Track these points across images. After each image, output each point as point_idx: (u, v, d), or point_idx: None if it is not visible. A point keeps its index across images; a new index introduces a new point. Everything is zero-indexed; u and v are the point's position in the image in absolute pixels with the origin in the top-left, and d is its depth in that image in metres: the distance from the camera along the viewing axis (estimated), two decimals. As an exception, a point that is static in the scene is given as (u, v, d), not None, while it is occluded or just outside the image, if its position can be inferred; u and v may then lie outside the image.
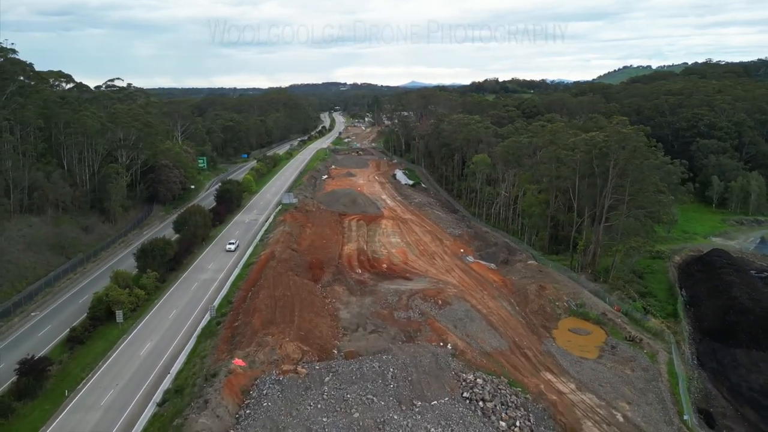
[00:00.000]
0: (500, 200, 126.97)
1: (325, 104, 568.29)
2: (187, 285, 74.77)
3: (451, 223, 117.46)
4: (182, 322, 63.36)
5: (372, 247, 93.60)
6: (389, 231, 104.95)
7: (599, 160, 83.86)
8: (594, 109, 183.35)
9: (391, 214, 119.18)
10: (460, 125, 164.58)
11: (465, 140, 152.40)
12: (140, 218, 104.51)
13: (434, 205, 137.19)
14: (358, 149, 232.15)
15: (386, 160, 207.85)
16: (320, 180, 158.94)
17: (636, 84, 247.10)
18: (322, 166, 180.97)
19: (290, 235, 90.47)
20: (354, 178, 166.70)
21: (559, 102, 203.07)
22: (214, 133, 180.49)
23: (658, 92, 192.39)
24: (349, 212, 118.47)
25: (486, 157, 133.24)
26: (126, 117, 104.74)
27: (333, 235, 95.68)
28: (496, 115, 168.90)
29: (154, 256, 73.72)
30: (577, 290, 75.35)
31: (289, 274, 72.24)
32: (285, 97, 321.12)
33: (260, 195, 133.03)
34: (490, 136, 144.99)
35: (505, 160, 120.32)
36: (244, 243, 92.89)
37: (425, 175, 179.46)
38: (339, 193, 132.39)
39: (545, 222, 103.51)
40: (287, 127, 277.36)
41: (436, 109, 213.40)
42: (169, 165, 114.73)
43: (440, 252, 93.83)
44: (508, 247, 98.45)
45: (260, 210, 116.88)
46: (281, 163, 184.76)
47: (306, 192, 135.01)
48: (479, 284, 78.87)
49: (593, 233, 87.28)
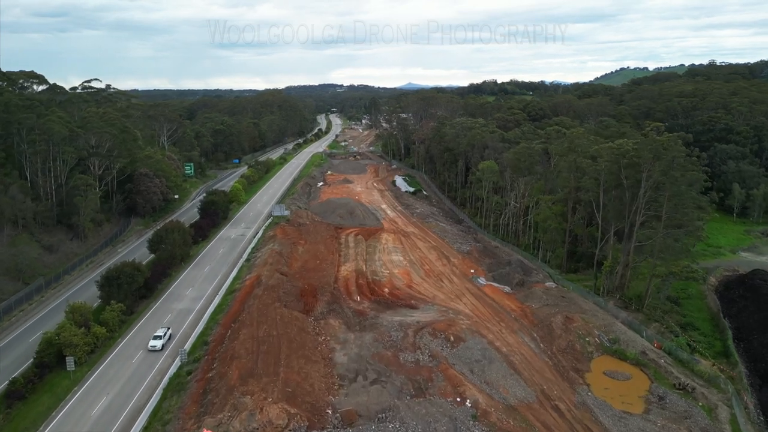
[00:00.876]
0: (509, 211, 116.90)
1: (322, 106, 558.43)
2: (158, 317, 64.24)
3: (458, 236, 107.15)
4: (147, 367, 52.87)
5: (372, 267, 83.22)
6: (390, 247, 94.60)
7: (628, 171, 73.81)
8: (602, 111, 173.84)
9: (391, 227, 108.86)
10: (463, 129, 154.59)
11: (469, 145, 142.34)
12: (115, 234, 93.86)
13: (438, 216, 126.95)
14: (355, 153, 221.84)
15: (385, 165, 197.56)
16: (315, 188, 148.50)
17: (643, 86, 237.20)
18: (317, 172, 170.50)
19: (280, 255, 79.96)
20: (351, 185, 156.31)
21: (565, 104, 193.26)
22: (204, 137, 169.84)
23: (670, 94, 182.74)
24: (347, 225, 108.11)
25: (493, 164, 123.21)
26: (99, 122, 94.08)
27: (328, 254, 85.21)
28: (502, 119, 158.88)
29: (120, 284, 63.16)
30: (608, 322, 65.16)
31: (276, 305, 61.79)
32: (280, 99, 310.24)
33: (250, 205, 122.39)
34: (496, 141, 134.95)
35: (515, 167, 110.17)
36: (227, 264, 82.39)
37: (426, 181, 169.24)
38: (335, 203, 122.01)
39: (562, 237, 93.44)
40: (282, 129, 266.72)
41: (437, 112, 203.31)
42: (148, 174, 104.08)
43: (448, 272, 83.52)
44: (522, 266, 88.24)
45: (249, 223, 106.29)
46: (274, 169, 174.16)
47: (299, 202, 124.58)
48: (495, 313, 68.62)
49: (621, 253, 77.18)
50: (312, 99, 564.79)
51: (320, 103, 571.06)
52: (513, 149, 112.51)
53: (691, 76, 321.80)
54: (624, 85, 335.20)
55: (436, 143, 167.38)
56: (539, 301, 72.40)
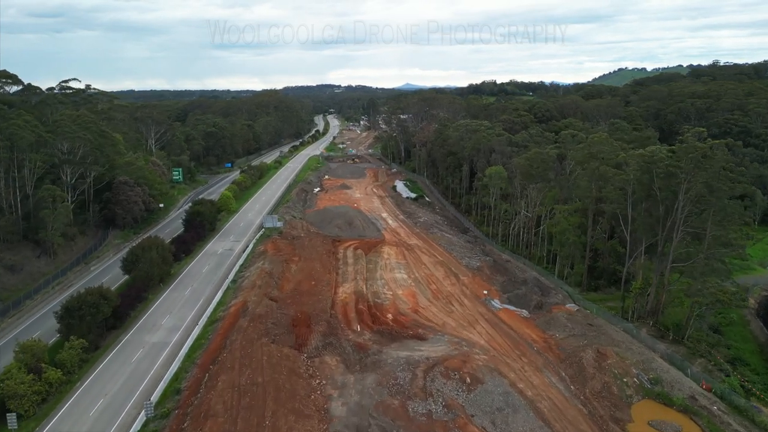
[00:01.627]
0: (519, 220, 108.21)
1: (319, 107, 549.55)
2: (128, 353, 55.25)
3: (465, 249, 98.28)
4: (107, 423, 43.89)
5: (373, 288, 74.28)
6: (393, 263, 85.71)
7: (663, 182, 65.06)
8: (611, 113, 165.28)
9: (394, 239, 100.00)
10: (467, 131, 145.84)
11: (474, 149, 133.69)
12: (90, 249, 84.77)
13: (442, 225, 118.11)
14: (353, 156, 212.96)
15: (384, 168, 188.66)
16: (311, 194, 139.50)
17: (652, 87, 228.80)
18: (314, 176, 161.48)
19: (269, 276, 70.96)
20: (349, 191, 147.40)
21: (572, 105, 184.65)
22: (194, 140, 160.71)
23: (681, 95, 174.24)
24: (345, 237, 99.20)
25: (501, 170, 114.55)
26: (72, 126, 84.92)
27: (324, 273, 76.21)
28: (508, 121, 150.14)
29: (82, 316, 54.16)
30: (646, 357, 56.40)
31: (263, 341, 52.86)
32: (276, 100, 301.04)
33: (240, 215, 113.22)
34: (504, 145, 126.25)
35: (526, 174, 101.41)
36: (211, 284, 73.40)
37: (428, 186, 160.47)
38: (333, 212, 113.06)
39: (581, 252, 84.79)
40: (278, 131, 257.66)
41: (439, 113, 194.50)
42: (129, 182, 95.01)
43: (458, 293, 74.66)
44: (539, 285, 79.43)
45: (238, 235, 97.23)
46: (269, 173, 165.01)
47: (294, 210, 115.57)
48: (514, 345, 59.80)
49: (653, 273, 68.46)
50: (309, 99, 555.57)
51: (318, 104, 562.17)
52: (524, 155, 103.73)
53: (695, 77, 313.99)
54: (626, 85, 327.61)
55: (439, 146, 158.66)
56: (563, 329, 63.58)
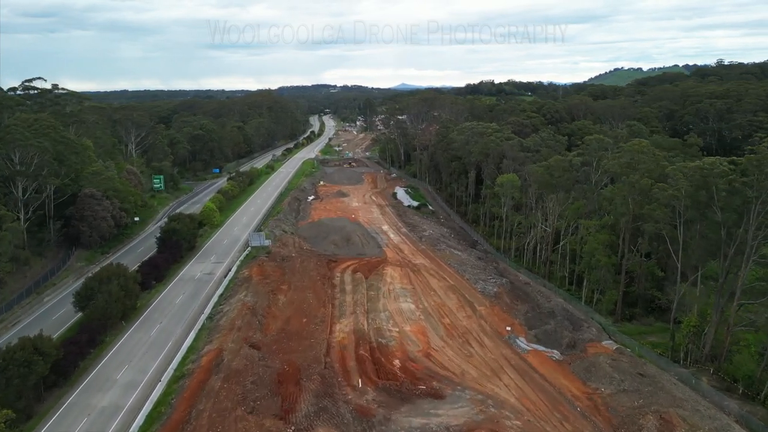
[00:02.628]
0: (536, 234, 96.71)
1: (315, 107, 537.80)
2: (68, 424, 43.17)
3: (478, 269, 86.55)
4: None
5: (376, 323, 62.42)
6: (398, 288, 73.93)
7: (726, 201, 53.57)
8: (625, 114, 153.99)
9: (397, 257, 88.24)
10: (473, 135, 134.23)
11: (482, 154, 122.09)
12: (47, 274, 72.57)
13: (449, 238, 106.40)
14: (350, 160, 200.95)
15: (383, 173, 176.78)
16: (305, 203, 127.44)
17: (663, 86, 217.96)
18: (308, 183, 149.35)
19: (252, 313, 58.97)
20: (346, 198, 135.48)
21: (582, 106, 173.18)
22: (179, 144, 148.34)
23: (698, 95, 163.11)
24: (342, 255, 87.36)
25: (515, 178, 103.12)
26: (25, 132, 72.64)
27: (318, 306, 64.27)
28: (517, 123, 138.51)
29: (10, 378, 42.12)
30: (720, 424, 44.80)
31: (238, 412, 40.94)
32: (270, 100, 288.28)
33: (225, 229, 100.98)
34: (516, 150, 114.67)
35: (545, 183, 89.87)
36: (183, 322, 61.36)
37: (431, 194, 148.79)
38: (328, 225, 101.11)
39: (614, 275, 73.45)
40: (271, 133, 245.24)
41: (441, 115, 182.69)
42: (95, 195, 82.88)
43: (476, 329, 62.91)
44: (568, 317, 67.77)
45: (220, 255, 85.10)
46: (259, 179, 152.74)
47: (285, 223, 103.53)
48: (553, 405, 48.08)
49: (713, 309, 56.99)
50: (305, 100, 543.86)
51: (313, 104, 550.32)
52: (543, 162, 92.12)
53: (699, 77, 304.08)
54: (629, 85, 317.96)
55: (442, 150, 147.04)
56: (609, 381, 51.84)
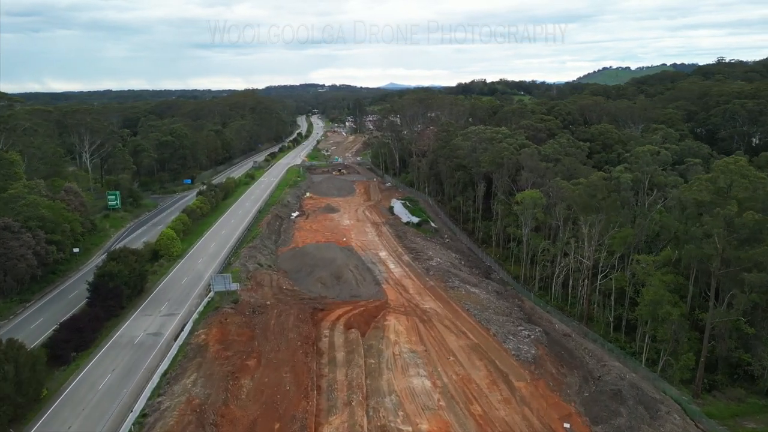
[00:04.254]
0: (567, 264, 78.81)
1: (303, 107, 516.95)
2: None
3: (503, 316, 67.99)
4: None
5: (380, 418, 43.64)
6: (405, 352, 55.24)
7: None
8: (646, 116, 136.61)
9: (400, 299, 69.53)
10: (481, 141, 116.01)
11: (494, 163, 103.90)
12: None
13: (461, 268, 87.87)
14: (340, 166, 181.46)
15: (377, 181, 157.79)
16: (288, 222, 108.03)
17: (680, 84, 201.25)
18: (292, 195, 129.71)
19: (200, 419, 39.65)
20: (336, 215, 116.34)
21: (595, 107, 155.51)
22: (145, 152, 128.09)
23: (725, 94, 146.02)
24: (331, 299, 68.40)
25: (538, 195, 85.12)
26: None
27: (297, 396, 45.13)
28: (531, 127, 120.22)
29: None
30: None
31: None
32: (253, 100, 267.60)
33: (187, 262, 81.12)
34: (536, 160, 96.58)
35: (584, 205, 71.72)
36: (105, 420, 42.01)
37: (432, 207, 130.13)
38: (315, 256, 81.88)
39: (689, 333, 55.80)
40: (254, 135, 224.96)
41: (440, 116, 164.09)
42: (12, 227, 63.20)
43: (520, 425, 44.34)
44: (639, 397, 49.45)
45: (175, 303, 65.50)
46: (237, 191, 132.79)
47: (262, 252, 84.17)
48: None
49: None
50: (293, 99, 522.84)
51: (301, 104, 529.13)
52: (583, 180, 73.84)
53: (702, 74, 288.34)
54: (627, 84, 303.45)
55: (444, 158, 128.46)
56: None
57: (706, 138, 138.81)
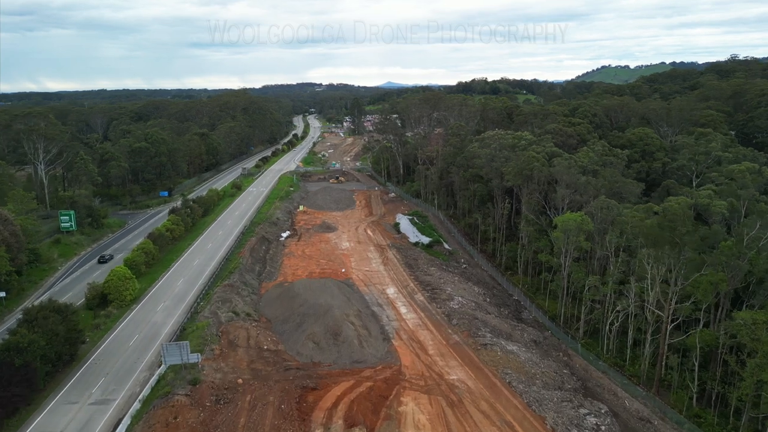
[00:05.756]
0: (626, 309, 61.77)
1: (299, 106, 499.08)
2: None
3: (558, 387, 50.53)
4: None
5: None
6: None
7: None
8: (683, 118, 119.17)
9: (418, 365, 52.09)
10: (501, 148, 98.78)
11: (521, 176, 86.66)
12: None
13: (488, 308, 70.36)
14: (337, 173, 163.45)
15: (379, 191, 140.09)
16: (276, 244, 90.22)
17: (708, 81, 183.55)
18: (282, 211, 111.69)
19: None
20: (333, 235, 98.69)
21: (621, 108, 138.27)
22: (114, 161, 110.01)
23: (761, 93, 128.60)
24: (325, 368, 50.86)
25: (586, 220, 67.85)
26: None
27: None
28: (559, 132, 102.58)
29: None
30: None
31: None
32: (245, 100, 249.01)
33: (143, 308, 63.01)
34: (575, 174, 79.31)
35: (655, 238, 54.41)
36: None
37: (443, 223, 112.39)
38: (305, 299, 64.09)
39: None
40: (246, 138, 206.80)
41: (447, 118, 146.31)
42: None
43: None
44: None
45: (116, 377, 47.66)
46: (219, 206, 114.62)
47: (241, 292, 66.38)
48: None
49: None
50: (289, 99, 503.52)
51: (297, 104, 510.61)
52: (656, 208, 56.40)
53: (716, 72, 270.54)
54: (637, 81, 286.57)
55: (457, 167, 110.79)
56: None
57: (745, 139, 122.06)
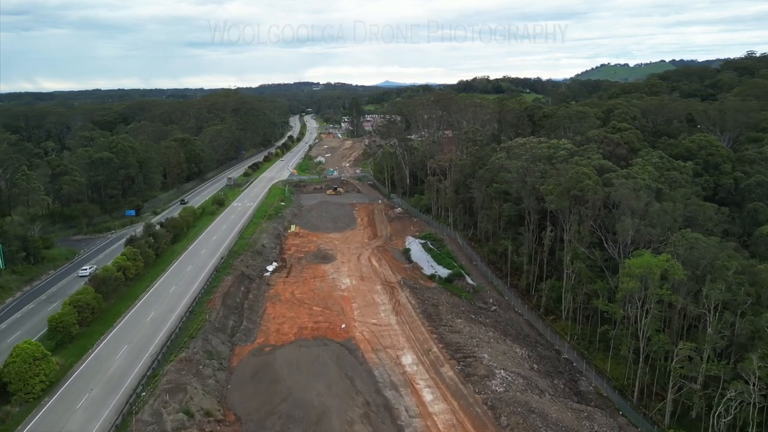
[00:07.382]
0: (742, 397, 42.91)
1: (296, 106, 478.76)
2: None
3: None
4: None
5: None
6: None
7: None
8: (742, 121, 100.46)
9: None
10: (534, 159, 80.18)
11: (567, 196, 67.94)
12: None
13: (538, 381, 51.53)
14: (335, 183, 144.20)
15: (383, 204, 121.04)
16: (258, 285, 71.08)
17: (753, 79, 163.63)
18: (270, 235, 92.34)
19: None
20: (331, 267, 79.68)
21: (659, 108, 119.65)
22: (69, 174, 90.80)
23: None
24: None
25: (676, 267, 49.08)
26: None
27: None
28: (604, 140, 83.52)
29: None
30: None
31: None
32: (236, 101, 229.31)
33: (59, 403, 43.81)
34: (643, 199, 60.67)
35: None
36: None
37: (462, 247, 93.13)
38: (289, 387, 45.08)
39: None
40: (235, 142, 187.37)
41: (461, 121, 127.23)
42: None
43: None
44: None
45: None
46: (195, 227, 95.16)
47: (203, 371, 47.46)
48: None
49: None
50: (286, 98, 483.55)
51: (294, 103, 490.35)
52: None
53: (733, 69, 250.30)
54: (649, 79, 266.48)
55: (479, 181, 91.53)
56: None
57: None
